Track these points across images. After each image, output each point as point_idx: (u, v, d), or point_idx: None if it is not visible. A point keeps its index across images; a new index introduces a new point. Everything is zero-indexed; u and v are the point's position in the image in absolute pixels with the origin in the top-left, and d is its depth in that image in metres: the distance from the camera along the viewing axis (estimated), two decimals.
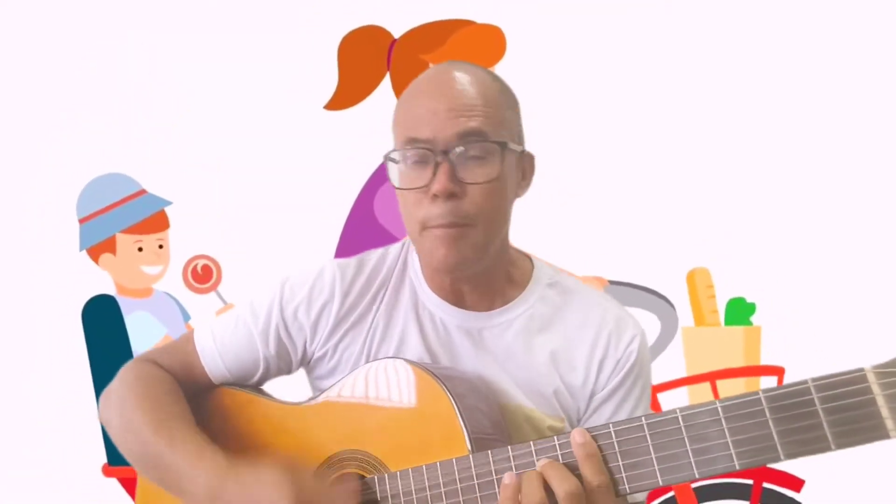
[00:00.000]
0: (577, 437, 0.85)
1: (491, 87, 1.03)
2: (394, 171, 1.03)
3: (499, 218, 1.04)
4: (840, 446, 0.75)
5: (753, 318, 2.39)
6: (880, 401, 0.73)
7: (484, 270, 1.07)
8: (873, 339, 2.12)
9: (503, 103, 1.04)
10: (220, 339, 1.12)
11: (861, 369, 0.74)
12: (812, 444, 0.76)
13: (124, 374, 1.10)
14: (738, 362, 2.35)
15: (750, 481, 2.12)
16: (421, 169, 1.00)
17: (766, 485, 2.12)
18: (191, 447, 0.98)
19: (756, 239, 2.35)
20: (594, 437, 0.85)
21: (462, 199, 0.99)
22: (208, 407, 1.12)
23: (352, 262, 1.14)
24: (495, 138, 1.00)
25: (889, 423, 0.73)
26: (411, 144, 1.00)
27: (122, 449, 1.06)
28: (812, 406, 0.76)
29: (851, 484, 2.06)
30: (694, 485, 2.07)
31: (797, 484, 2.12)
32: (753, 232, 2.35)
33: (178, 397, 1.08)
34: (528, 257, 1.17)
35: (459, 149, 0.98)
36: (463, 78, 1.02)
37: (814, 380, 0.76)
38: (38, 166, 2.52)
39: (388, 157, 1.04)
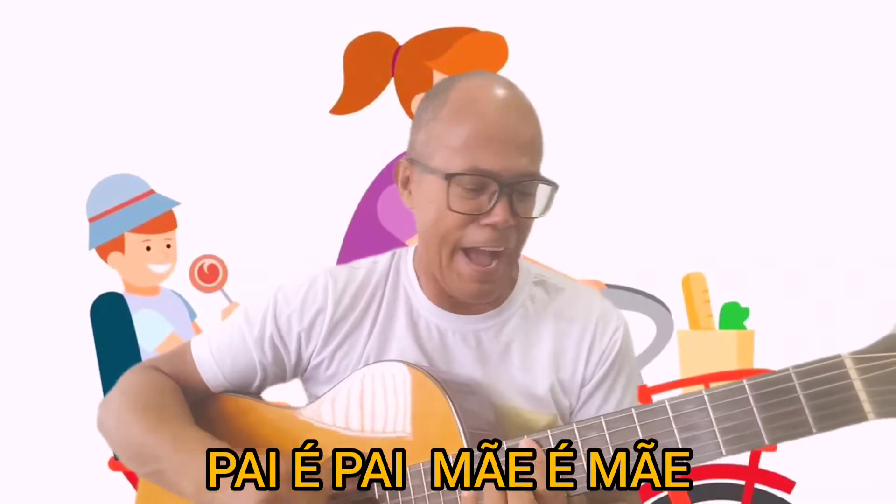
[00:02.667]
0: (523, 445, 0.89)
1: (536, 116, 1.04)
2: (450, 190, 0.99)
3: (525, 242, 1.06)
4: (821, 430, 0.77)
5: (747, 323, 2.39)
6: (858, 385, 0.76)
7: None
8: (865, 344, 2.13)
9: (542, 130, 1.04)
10: (217, 349, 1.13)
11: (839, 356, 0.77)
12: (794, 428, 0.78)
13: (124, 380, 1.11)
14: (732, 366, 2.33)
15: (742, 482, 2.13)
16: (476, 194, 0.99)
17: (757, 486, 2.13)
18: (192, 444, 0.99)
19: (751, 245, 2.37)
20: (586, 428, 0.87)
21: (509, 230, 1.00)
22: (209, 414, 1.13)
23: (343, 269, 1.16)
24: (545, 174, 1.02)
25: (866, 407, 0.75)
26: (474, 171, 0.97)
27: (120, 448, 1.06)
28: (794, 392, 0.78)
29: (842, 485, 2.07)
30: None
31: (788, 485, 2.12)
32: (748, 238, 2.37)
33: (177, 397, 1.09)
34: None
35: (522, 184, 0.99)
36: (522, 107, 1.02)
37: (794, 367, 0.79)
38: (49, 166, 2.54)
39: (449, 176, 0.98)
